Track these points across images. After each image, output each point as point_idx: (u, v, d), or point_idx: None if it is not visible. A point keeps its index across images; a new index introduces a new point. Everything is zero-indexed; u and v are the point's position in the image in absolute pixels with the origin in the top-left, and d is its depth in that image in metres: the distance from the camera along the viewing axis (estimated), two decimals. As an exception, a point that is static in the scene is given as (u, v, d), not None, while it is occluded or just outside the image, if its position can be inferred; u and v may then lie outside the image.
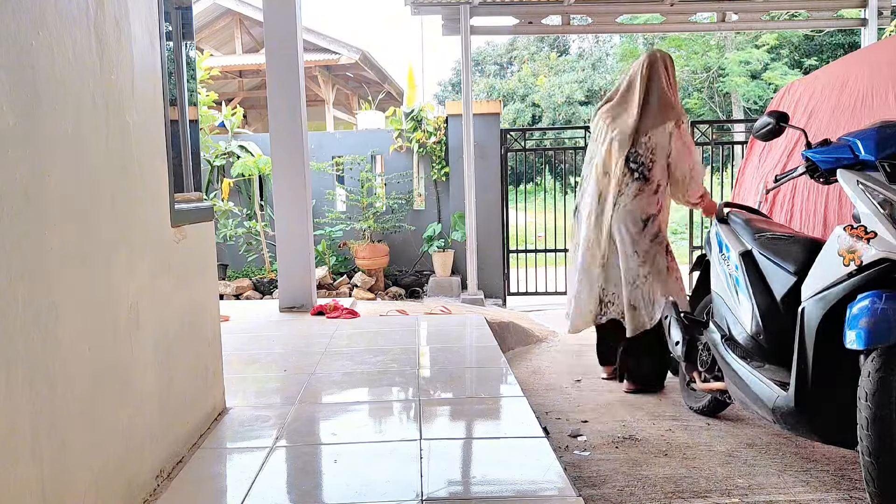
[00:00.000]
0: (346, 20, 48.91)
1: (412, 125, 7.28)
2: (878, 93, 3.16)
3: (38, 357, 1.42)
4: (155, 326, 2.06)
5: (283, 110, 4.80)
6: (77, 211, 1.62)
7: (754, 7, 6.87)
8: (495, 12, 6.73)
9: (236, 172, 7.14)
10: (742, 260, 2.58)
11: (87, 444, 1.62)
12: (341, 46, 11.26)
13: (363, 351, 3.68)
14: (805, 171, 2.41)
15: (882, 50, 3.40)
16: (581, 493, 2.03)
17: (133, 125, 1.96)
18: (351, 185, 7.42)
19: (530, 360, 4.41)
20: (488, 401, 2.80)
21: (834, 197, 3.29)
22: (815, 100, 3.68)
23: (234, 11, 11.51)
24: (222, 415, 2.65)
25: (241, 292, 6.92)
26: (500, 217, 7.07)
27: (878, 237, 1.92)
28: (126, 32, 1.94)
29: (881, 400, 1.81)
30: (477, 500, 1.90)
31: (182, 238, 2.33)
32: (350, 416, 2.69)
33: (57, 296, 1.50)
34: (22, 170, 1.38)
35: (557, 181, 7.91)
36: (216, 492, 2.04)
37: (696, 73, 18.75)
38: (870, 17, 6.69)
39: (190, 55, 2.59)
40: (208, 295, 2.62)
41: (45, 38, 1.49)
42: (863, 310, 1.86)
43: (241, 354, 3.66)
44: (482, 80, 23.41)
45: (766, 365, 2.41)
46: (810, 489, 2.32)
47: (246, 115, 10.61)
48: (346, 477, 2.06)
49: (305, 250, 4.94)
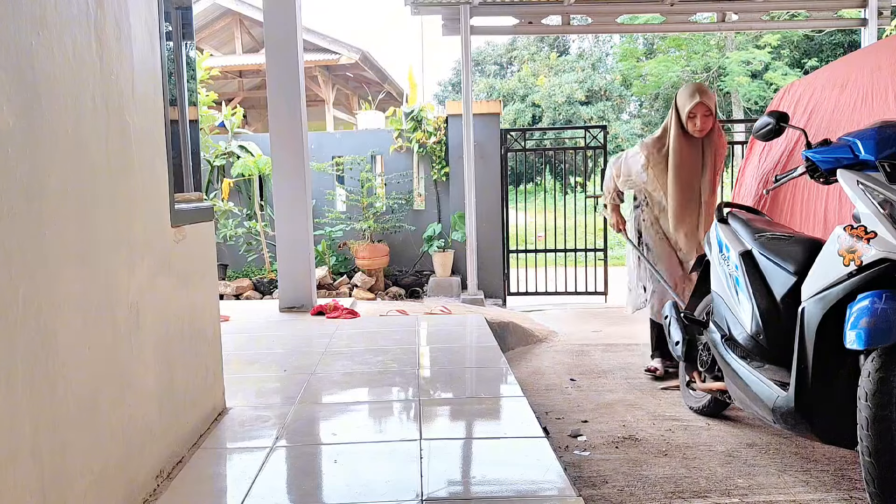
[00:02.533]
0: (346, 20, 48.96)
1: (412, 125, 7.28)
2: (878, 93, 3.16)
3: (38, 357, 1.42)
4: (155, 326, 2.06)
5: (283, 110, 4.80)
6: (77, 211, 1.62)
7: (754, 7, 6.87)
8: (495, 12, 6.73)
9: (236, 172, 7.14)
10: (742, 260, 2.58)
11: (87, 444, 1.62)
12: (341, 46, 11.25)
13: (363, 351, 3.68)
14: (805, 171, 2.40)
15: (882, 50, 3.40)
16: (581, 493, 2.03)
17: (133, 125, 1.96)
18: (351, 185, 7.42)
19: (530, 360, 4.41)
20: (488, 401, 2.80)
21: (834, 197, 3.29)
22: (815, 100, 3.68)
23: (234, 11, 11.51)
24: (222, 415, 2.65)
25: (241, 292, 6.92)
26: (500, 217, 7.07)
27: (878, 237, 1.91)
28: (126, 32, 1.94)
29: (881, 400, 1.81)
30: (477, 500, 1.90)
31: (182, 238, 2.33)
32: (350, 416, 2.69)
33: (57, 296, 1.50)
34: (22, 170, 1.38)
35: (557, 181, 7.90)
36: (216, 492, 2.04)
37: (696, 74, 18.74)
38: (870, 17, 6.68)
39: (190, 55, 2.59)
40: (208, 295, 2.62)
41: (45, 38, 1.49)
42: (863, 310, 1.86)
43: (241, 354, 3.66)
44: (482, 80, 23.40)
45: (766, 365, 2.41)
46: (810, 489, 2.32)
47: (246, 115, 10.59)
48: (346, 477, 2.06)
49: (305, 250, 4.94)
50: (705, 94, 3.54)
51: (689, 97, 3.54)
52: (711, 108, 3.55)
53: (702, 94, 3.53)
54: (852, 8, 6.99)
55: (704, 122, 3.55)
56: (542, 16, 6.70)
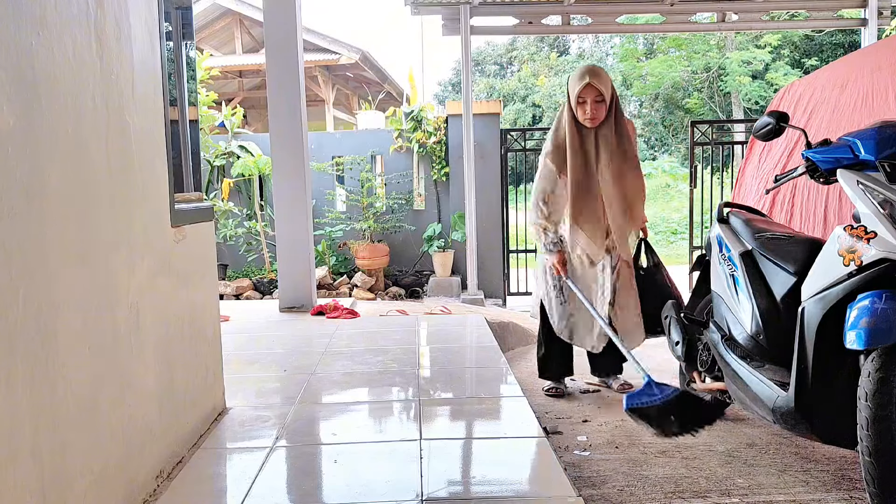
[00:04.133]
0: (346, 20, 48.92)
1: (412, 125, 7.28)
2: (878, 93, 3.16)
3: (38, 357, 1.42)
4: (155, 326, 2.06)
5: (283, 110, 4.80)
6: (77, 211, 1.62)
7: (754, 7, 6.87)
8: (495, 12, 6.73)
9: (236, 172, 7.14)
10: (742, 260, 2.58)
11: (87, 444, 1.62)
12: (341, 46, 11.25)
13: (363, 351, 3.68)
14: (805, 171, 2.40)
15: (882, 50, 3.40)
16: (581, 493, 2.03)
17: (133, 125, 1.96)
18: (351, 185, 7.42)
19: (530, 360, 4.40)
20: (488, 401, 2.80)
21: (834, 197, 3.29)
22: (815, 100, 3.69)
23: (234, 11, 11.51)
24: (222, 415, 2.65)
25: (241, 292, 6.92)
26: (500, 217, 7.07)
27: (878, 237, 1.91)
28: (126, 32, 1.94)
29: (881, 400, 1.81)
30: (477, 500, 1.90)
31: (182, 238, 2.33)
32: (350, 416, 2.69)
33: (57, 296, 1.50)
34: (22, 170, 1.38)
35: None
36: (216, 492, 2.04)
37: (696, 73, 18.75)
38: (870, 17, 6.69)
39: (190, 55, 2.59)
40: (208, 295, 2.62)
41: (45, 38, 1.49)
42: (863, 310, 1.86)
43: (241, 354, 3.66)
44: (482, 80, 23.41)
45: (766, 365, 2.41)
46: (810, 489, 2.32)
47: (246, 115, 10.59)
48: (346, 477, 2.06)
49: (305, 250, 4.94)
50: (596, 76, 3.01)
51: (578, 80, 3.02)
52: (604, 93, 3.00)
53: (592, 75, 3.00)
54: (852, 8, 7.00)
55: (596, 110, 3.01)
56: (542, 16, 6.71)
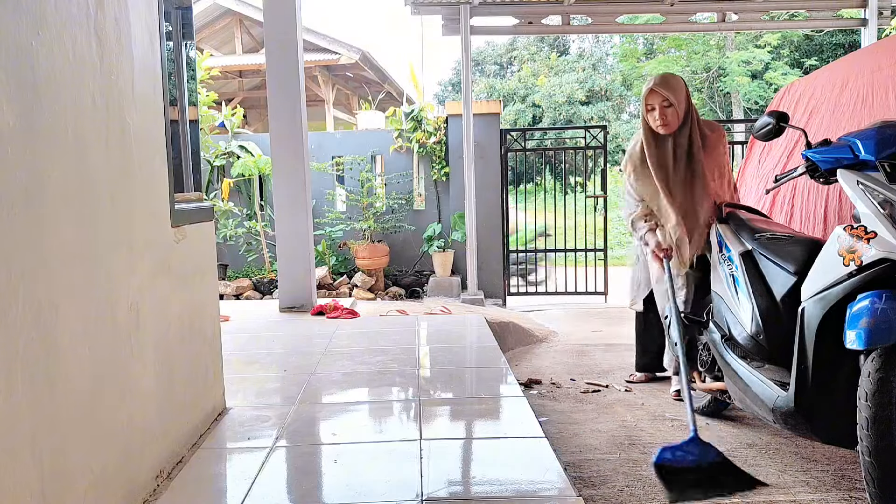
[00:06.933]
0: (346, 20, 48.89)
1: (412, 125, 7.28)
2: (878, 93, 3.16)
3: (38, 357, 1.42)
4: (155, 326, 2.06)
5: (283, 110, 4.80)
6: (77, 211, 1.62)
7: (754, 7, 6.87)
8: (495, 12, 6.73)
9: (236, 172, 7.14)
10: (742, 260, 2.58)
11: (87, 444, 1.62)
12: (341, 46, 11.24)
13: (363, 351, 3.68)
14: (805, 171, 2.40)
15: (882, 50, 3.40)
16: (581, 493, 2.03)
17: (133, 125, 1.96)
18: (351, 185, 7.42)
19: (530, 360, 4.41)
20: (488, 401, 2.80)
21: (834, 197, 3.29)
22: (815, 100, 3.68)
23: (234, 11, 11.50)
24: (222, 415, 2.65)
25: (241, 292, 6.92)
26: (500, 217, 7.07)
27: (878, 237, 1.91)
28: (126, 32, 1.94)
29: (881, 400, 1.81)
30: (477, 500, 1.90)
31: (182, 238, 2.33)
32: (350, 416, 2.69)
33: (57, 296, 1.50)
34: (22, 170, 1.38)
35: (557, 181, 7.90)
36: (216, 492, 2.04)
37: (696, 73, 18.74)
38: (870, 17, 6.69)
39: (190, 55, 2.59)
40: (208, 295, 2.62)
41: (45, 38, 1.49)
42: (863, 310, 1.86)
43: (241, 354, 3.66)
44: (482, 80, 23.39)
45: (766, 365, 2.41)
46: (810, 489, 2.32)
47: (246, 115, 10.60)
48: (346, 477, 2.06)
49: (305, 250, 4.94)
50: (662, 82, 2.99)
51: (645, 87, 3.03)
52: (670, 99, 2.95)
53: (656, 81, 3.00)
54: (852, 8, 7.00)
55: (665, 116, 2.97)
56: (542, 16, 6.70)
